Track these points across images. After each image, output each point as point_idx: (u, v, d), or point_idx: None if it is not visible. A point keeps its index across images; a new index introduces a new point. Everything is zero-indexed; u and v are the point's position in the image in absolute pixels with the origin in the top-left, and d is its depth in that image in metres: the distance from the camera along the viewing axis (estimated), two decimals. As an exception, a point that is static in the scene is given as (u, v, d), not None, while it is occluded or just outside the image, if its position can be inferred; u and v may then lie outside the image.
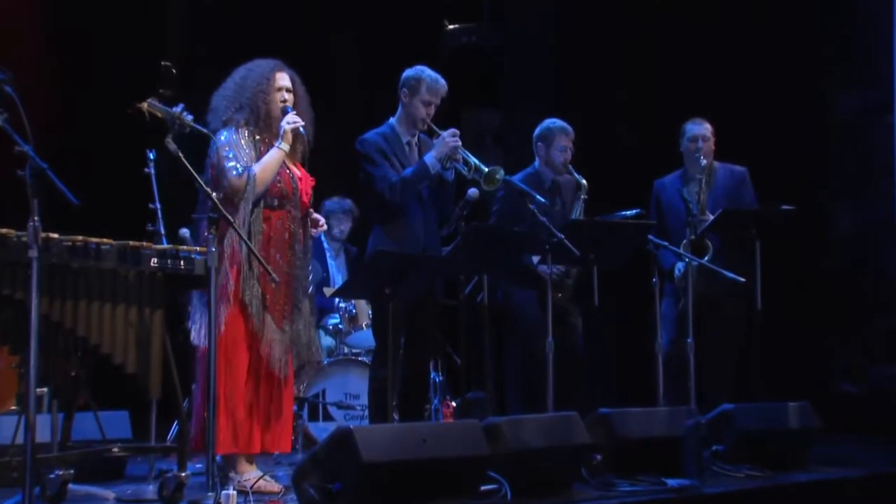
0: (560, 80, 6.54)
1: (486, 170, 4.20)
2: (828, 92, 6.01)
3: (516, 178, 4.72)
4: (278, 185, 3.69)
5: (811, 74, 5.96)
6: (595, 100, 6.39)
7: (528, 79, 6.65)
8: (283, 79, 3.78)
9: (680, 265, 4.86)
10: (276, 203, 3.69)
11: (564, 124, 4.90)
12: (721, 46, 6.09)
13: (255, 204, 3.60)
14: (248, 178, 3.58)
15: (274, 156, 3.68)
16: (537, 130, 4.93)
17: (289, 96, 3.77)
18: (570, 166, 4.86)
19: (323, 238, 5.75)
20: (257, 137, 3.70)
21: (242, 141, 3.68)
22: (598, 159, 6.19)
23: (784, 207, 4.68)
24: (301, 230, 3.76)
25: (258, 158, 3.67)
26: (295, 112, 3.73)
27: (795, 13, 5.97)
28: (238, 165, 3.61)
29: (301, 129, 3.72)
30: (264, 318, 3.62)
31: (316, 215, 3.86)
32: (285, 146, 3.70)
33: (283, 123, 3.71)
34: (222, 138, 3.66)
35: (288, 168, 3.75)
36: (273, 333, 3.63)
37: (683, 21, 6.23)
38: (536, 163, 4.93)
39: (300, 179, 3.78)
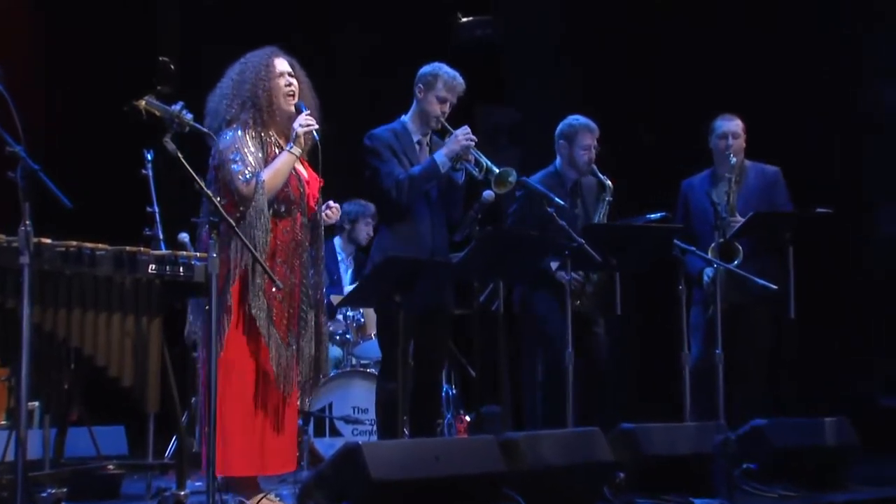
0: (579, 74, 6.53)
1: (498, 171, 4.19)
2: (866, 86, 5.98)
3: (535, 178, 4.70)
4: (285, 189, 3.64)
5: (848, 68, 5.93)
6: (618, 95, 6.38)
7: (546, 74, 6.64)
8: (283, 64, 3.73)
9: (708, 271, 4.84)
10: (282, 210, 3.64)
11: (589, 121, 4.86)
12: (752, 38, 6.08)
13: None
14: (256, 184, 3.53)
15: (285, 160, 3.62)
16: (560, 127, 4.89)
17: (293, 81, 3.72)
18: (595, 167, 4.84)
19: (337, 243, 5.77)
20: (263, 136, 3.65)
21: (249, 141, 3.62)
22: (620, 158, 6.19)
23: (820, 210, 4.66)
24: (309, 237, 3.72)
25: (266, 160, 3.63)
26: (309, 112, 3.68)
27: (837, 2, 5.95)
28: (246, 171, 3.55)
29: (315, 133, 3.66)
30: (270, 333, 3.58)
31: (330, 203, 3.81)
32: (297, 150, 3.64)
33: (296, 125, 3.65)
34: (227, 138, 3.61)
35: (296, 171, 3.70)
36: (278, 349, 3.59)
37: (708, 11, 6.22)
38: (557, 162, 4.89)
39: (307, 182, 3.73)
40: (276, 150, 3.67)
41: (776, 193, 5.01)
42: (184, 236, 4.73)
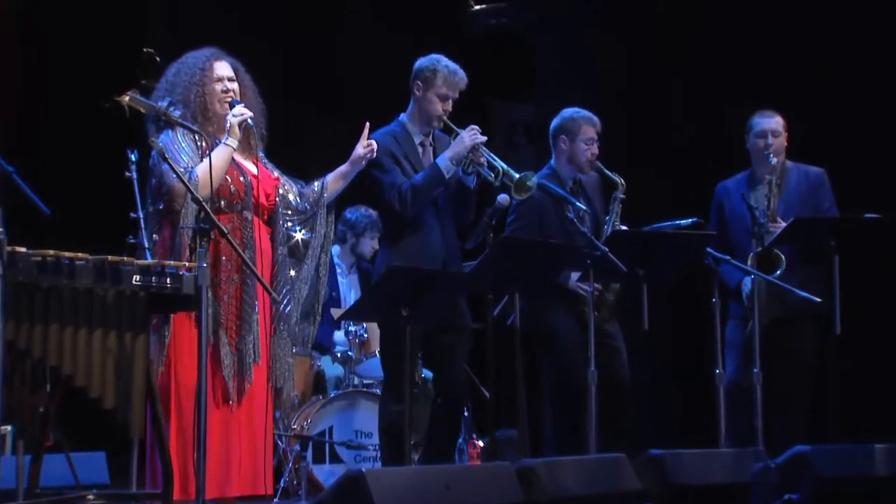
0: (603, 66, 6.53)
1: (518, 176, 4.19)
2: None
3: None
4: (224, 183, 3.74)
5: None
6: (645, 89, 6.38)
7: (566, 66, 6.65)
8: (223, 68, 3.84)
9: (747, 281, 4.82)
10: (223, 205, 3.74)
11: (589, 114, 4.86)
12: (794, 23, 6.06)
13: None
14: (189, 179, 3.61)
15: (220, 153, 3.72)
16: (556, 122, 4.88)
17: (232, 86, 3.83)
18: (600, 163, 4.84)
19: (335, 253, 5.79)
20: (196, 137, 3.75)
21: (182, 140, 3.73)
22: (649, 158, 6.19)
23: (868, 215, 4.64)
24: (259, 236, 3.80)
25: (202, 157, 3.72)
26: (243, 104, 3.79)
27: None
28: (179, 168, 3.64)
29: (249, 120, 3.77)
30: (219, 337, 3.68)
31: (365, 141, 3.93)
32: (233, 142, 3.74)
33: (229, 116, 3.76)
34: (162, 140, 3.70)
35: (238, 165, 3.81)
36: (226, 354, 3.69)
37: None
38: (553, 160, 4.88)
39: (255, 178, 3.82)
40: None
41: (820, 197, 4.99)
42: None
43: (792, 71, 6.00)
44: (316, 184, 3.98)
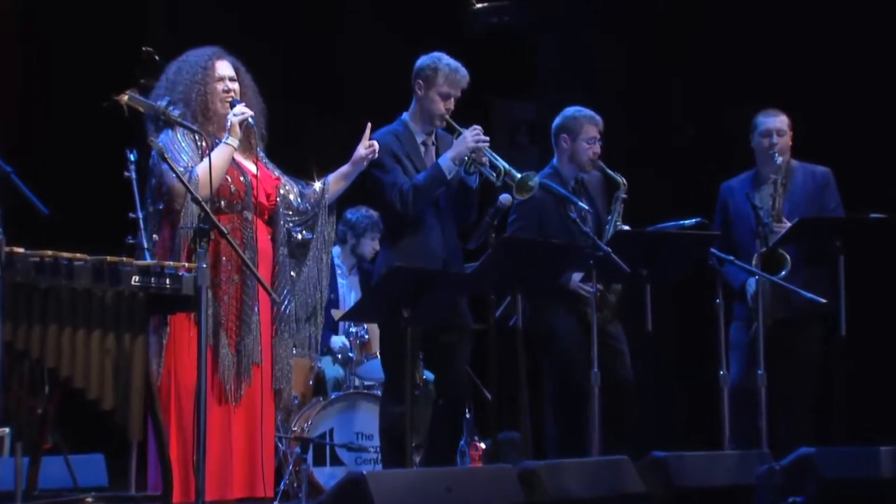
0: (603, 66, 6.52)
1: (519, 176, 4.18)
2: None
3: None
4: (224, 184, 3.74)
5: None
6: (645, 89, 6.37)
7: (567, 66, 6.64)
8: (224, 67, 3.84)
9: (752, 282, 4.81)
10: (223, 205, 3.73)
11: (591, 112, 4.85)
12: (794, 23, 6.05)
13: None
14: (189, 179, 3.60)
15: (220, 152, 3.71)
16: (558, 120, 4.88)
17: (233, 86, 3.83)
18: (602, 163, 4.83)
19: (335, 254, 5.77)
20: (196, 136, 3.75)
21: (182, 139, 3.73)
22: (649, 158, 6.18)
23: (874, 215, 4.63)
24: (259, 236, 3.79)
25: (202, 157, 3.72)
26: (243, 104, 3.79)
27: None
28: (178, 168, 3.64)
29: (250, 119, 3.77)
30: (219, 337, 3.68)
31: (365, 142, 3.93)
32: (233, 141, 3.74)
33: (230, 115, 3.76)
34: (162, 139, 3.70)
35: (238, 164, 3.80)
36: (226, 355, 3.68)
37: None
38: (555, 160, 4.87)
39: (255, 178, 3.82)
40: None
41: (826, 197, 4.97)
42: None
43: (792, 71, 5.99)
44: (317, 184, 3.97)
